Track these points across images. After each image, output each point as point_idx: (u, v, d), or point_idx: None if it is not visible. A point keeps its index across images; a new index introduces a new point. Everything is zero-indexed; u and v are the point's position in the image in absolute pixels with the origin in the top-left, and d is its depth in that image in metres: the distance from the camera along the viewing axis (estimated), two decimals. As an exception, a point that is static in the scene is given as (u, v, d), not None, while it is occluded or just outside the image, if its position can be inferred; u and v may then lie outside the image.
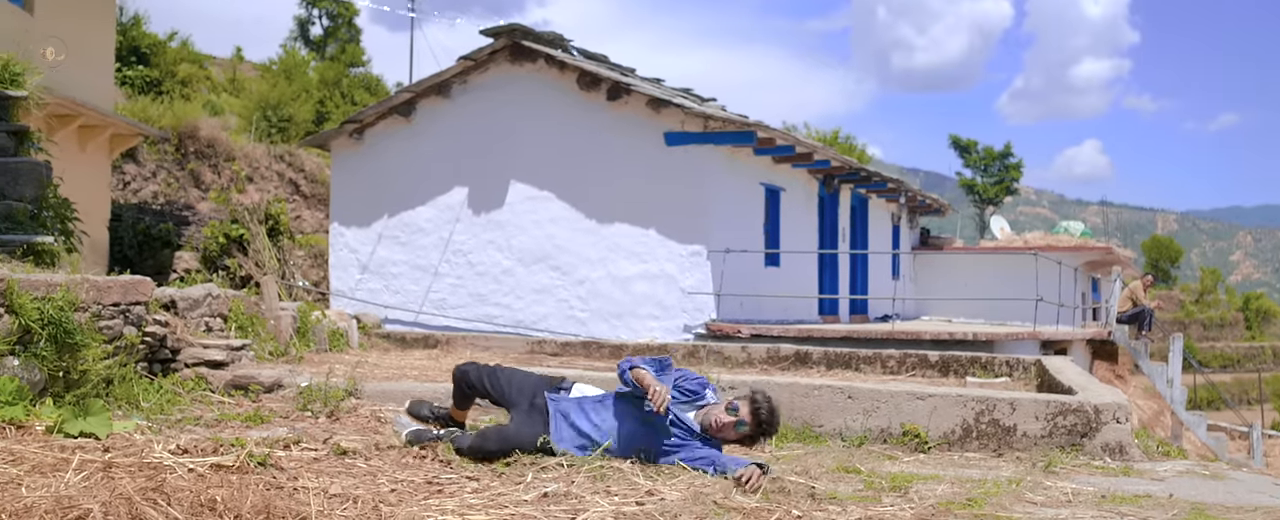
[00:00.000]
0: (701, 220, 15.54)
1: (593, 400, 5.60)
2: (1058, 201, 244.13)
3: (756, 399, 5.40)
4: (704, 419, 5.44)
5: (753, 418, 5.36)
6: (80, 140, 16.11)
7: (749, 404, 5.39)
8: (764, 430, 5.42)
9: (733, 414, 5.38)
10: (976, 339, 14.16)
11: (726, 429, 5.38)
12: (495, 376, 5.73)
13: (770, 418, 5.39)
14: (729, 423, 5.37)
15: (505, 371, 5.78)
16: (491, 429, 5.51)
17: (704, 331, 15.19)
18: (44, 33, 15.08)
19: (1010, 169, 59.86)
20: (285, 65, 35.81)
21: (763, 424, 5.38)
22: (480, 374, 5.75)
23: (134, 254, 18.25)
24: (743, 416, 5.36)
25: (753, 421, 5.36)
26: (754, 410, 5.36)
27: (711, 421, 5.39)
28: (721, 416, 5.39)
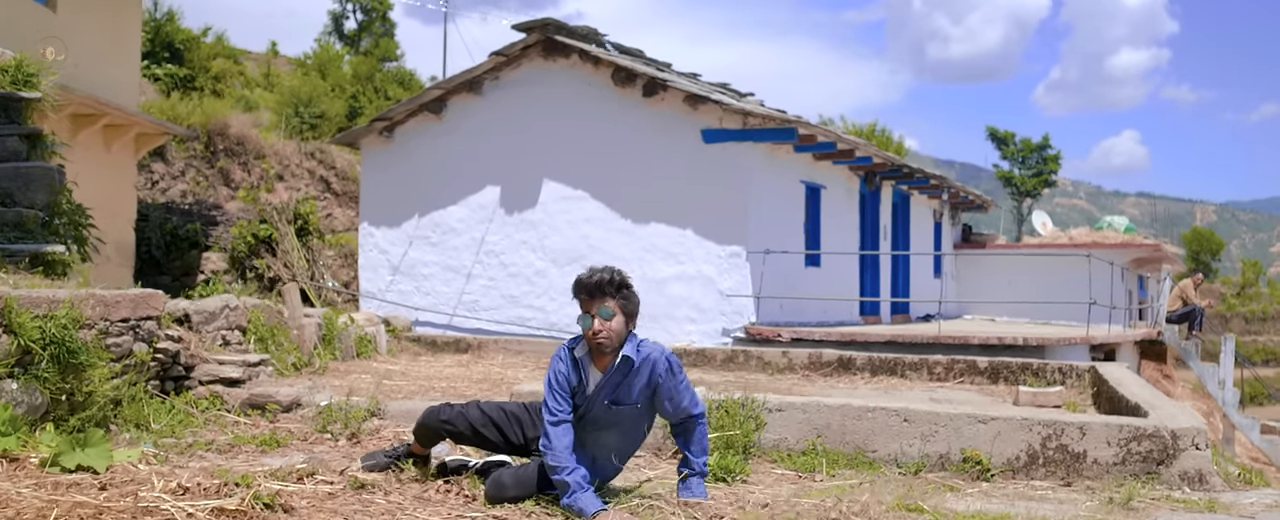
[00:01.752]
0: (740, 220, 15.05)
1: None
2: (1095, 193, 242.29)
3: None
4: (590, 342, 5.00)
5: (577, 295, 4.99)
6: (105, 140, 15.79)
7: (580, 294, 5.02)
8: (595, 290, 4.94)
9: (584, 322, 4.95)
10: (1027, 343, 13.62)
11: (591, 338, 4.92)
12: (488, 423, 5.38)
13: (581, 276, 4.99)
14: (589, 332, 4.91)
15: (494, 412, 5.40)
16: (508, 474, 5.07)
17: (743, 335, 14.72)
18: (66, 31, 14.75)
19: (1048, 161, 59.17)
20: (320, 60, 35.65)
21: (588, 288, 4.95)
22: (468, 421, 5.37)
23: (161, 255, 17.94)
24: (581, 309, 4.95)
25: (582, 296, 4.96)
26: (575, 290, 5.01)
27: (591, 342, 4.94)
28: (582, 328, 4.96)
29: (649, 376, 5.01)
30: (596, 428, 5.05)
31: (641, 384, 5.01)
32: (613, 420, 5.04)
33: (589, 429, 5.05)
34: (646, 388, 5.03)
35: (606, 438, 5.09)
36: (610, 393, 4.98)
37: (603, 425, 5.04)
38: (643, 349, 5.01)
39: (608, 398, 4.98)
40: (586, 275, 4.97)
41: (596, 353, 4.96)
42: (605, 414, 5.02)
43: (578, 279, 4.99)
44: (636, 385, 5.01)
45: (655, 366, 5.01)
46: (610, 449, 5.14)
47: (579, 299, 4.96)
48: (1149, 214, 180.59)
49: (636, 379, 4.99)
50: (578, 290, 4.97)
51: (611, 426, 5.06)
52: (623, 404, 5.02)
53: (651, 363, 5.01)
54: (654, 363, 5.02)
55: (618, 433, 5.11)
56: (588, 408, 5.00)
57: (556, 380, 4.98)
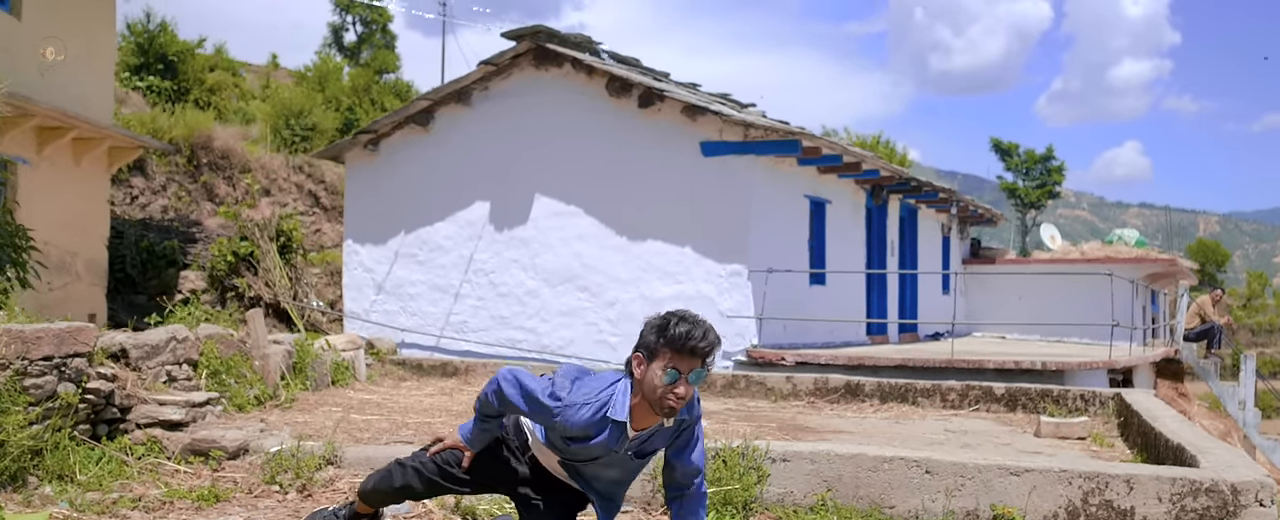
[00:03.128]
0: (741, 237, 14.30)
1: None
2: (1098, 204, 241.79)
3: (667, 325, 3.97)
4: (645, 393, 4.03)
5: (670, 348, 3.89)
6: (75, 154, 15.04)
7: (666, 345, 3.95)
8: (705, 353, 3.92)
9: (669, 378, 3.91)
10: (1046, 368, 12.85)
11: (670, 403, 3.93)
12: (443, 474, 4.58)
13: (692, 332, 3.90)
14: (670, 395, 3.92)
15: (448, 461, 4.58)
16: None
17: (745, 359, 13.96)
18: (33, 39, 14.02)
19: (1052, 172, 58.48)
20: (319, 72, 35.06)
21: (696, 349, 3.89)
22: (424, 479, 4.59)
23: (137, 273, 17.18)
24: (668, 364, 3.88)
25: (682, 354, 3.88)
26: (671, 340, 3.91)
27: (652, 396, 3.94)
28: (657, 384, 3.94)
29: (677, 431, 4.23)
30: (605, 467, 4.31)
31: (664, 440, 4.25)
32: (627, 466, 4.31)
33: (600, 473, 4.34)
34: (668, 442, 4.28)
35: (608, 474, 4.35)
36: (640, 445, 4.19)
37: (611, 465, 4.27)
38: (695, 407, 4.21)
39: (634, 451, 4.19)
40: (695, 331, 3.87)
41: (657, 415, 4.03)
42: (622, 462, 4.26)
43: (681, 333, 3.87)
44: (660, 442, 4.26)
45: (685, 418, 4.18)
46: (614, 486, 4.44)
47: (668, 353, 3.88)
48: (1152, 225, 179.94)
49: (665, 436, 4.23)
50: (678, 345, 3.86)
51: (624, 475, 4.39)
52: (647, 455, 4.27)
53: (696, 418, 4.25)
54: (697, 417, 4.25)
55: (626, 477, 4.42)
56: (608, 458, 4.21)
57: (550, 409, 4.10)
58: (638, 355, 3.96)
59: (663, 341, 3.87)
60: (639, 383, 3.94)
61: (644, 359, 3.92)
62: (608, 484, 4.36)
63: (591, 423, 4.00)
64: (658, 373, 3.86)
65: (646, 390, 3.91)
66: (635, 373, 3.96)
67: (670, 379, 3.85)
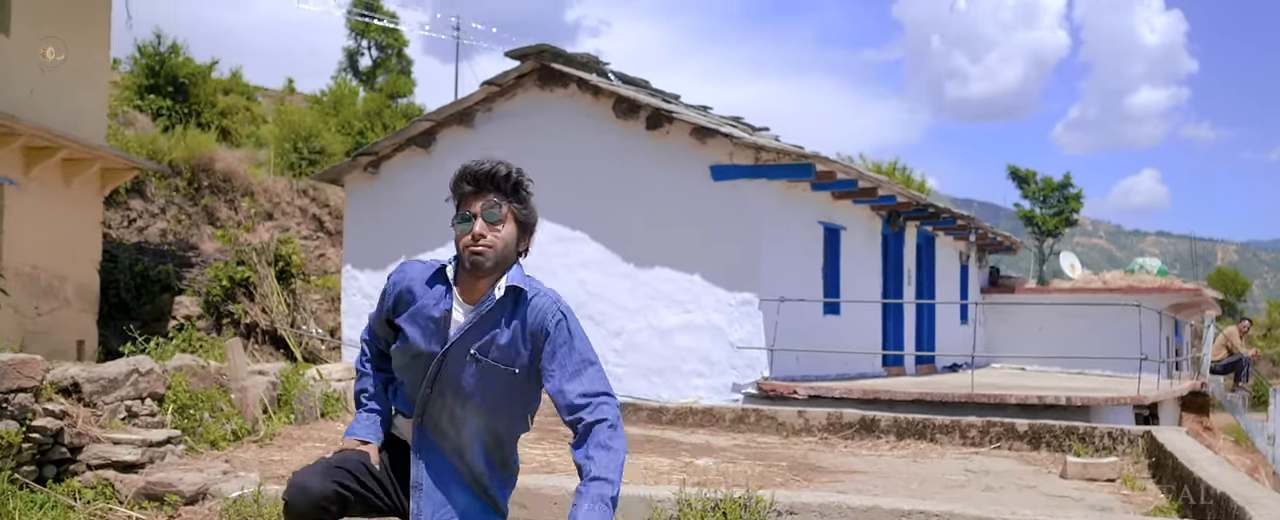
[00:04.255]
0: (753, 264, 13.76)
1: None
2: (1115, 232, 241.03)
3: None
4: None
5: (455, 193, 3.52)
6: (65, 175, 14.59)
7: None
8: (485, 181, 3.50)
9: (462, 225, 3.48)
10: (1071, 403, 12.27)
11: (467, 247, 3.45)
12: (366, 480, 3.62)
13: (467, 165, 3.53)
14: (466, 237, 3.46)
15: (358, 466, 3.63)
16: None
17: (755, 391, 13.40)
18: (22, 56, 13.60)
19: (1070, 200, 57.99)
20: (334, 97, 34.84)
21: (474, 177, 3.50)
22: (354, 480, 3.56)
23: (130, 298, 16.70)
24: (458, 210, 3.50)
25: (464, 189, 3.50)
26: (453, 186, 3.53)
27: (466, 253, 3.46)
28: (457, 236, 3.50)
29: (535, 328, 3.51)
30: (451, 396, 3.52)
31: (522, 338, 3.50)
32: (474, 386, 3.51)
33: (438, 399, 3.53)
34: (527, 344, 3.51)
35: (463, 416, 3.54)
36: (478, 338, 3.48)
37: (459, 393, 3.51)
38: (534, 285, 3.56)
39: (473, 345, 3.48)
40: (470, 163, 3.53)
41: (469, 273, 3.49)
42: (464, 374, 3.50)
43: (462, 167, 3.53)
44: (516, 339, 3.50)
45: (544, 316, 3.50)
46: (469, 435, 3.57)
47: (458, 194, 3.51)
48: (1170, 253, 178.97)
49: (518, 328, 3.50)
50: (459, 182, 3.50)
51: (471, 397, 3.52)
52: (491, 359, 3.49)
53: (541, 311, 3.51)
54: (543, 311, 3.51)
55: (482, 409, 3.55)
56: (440, 361, 3.49)
57: (388, 297, 3.63)
58: (452, 226, 3.55)
59: (453, 189, 3.53)
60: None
61: (454, 217, 3.52)
62: (469, 435, 3.56)
63: (426, 279, 3.56)
64: (454, 226, 3.49)
65: (460, 252, 3.48)
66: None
67: (464, 224, 3.45)
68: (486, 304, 3.48)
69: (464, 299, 3.52)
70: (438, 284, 3.55)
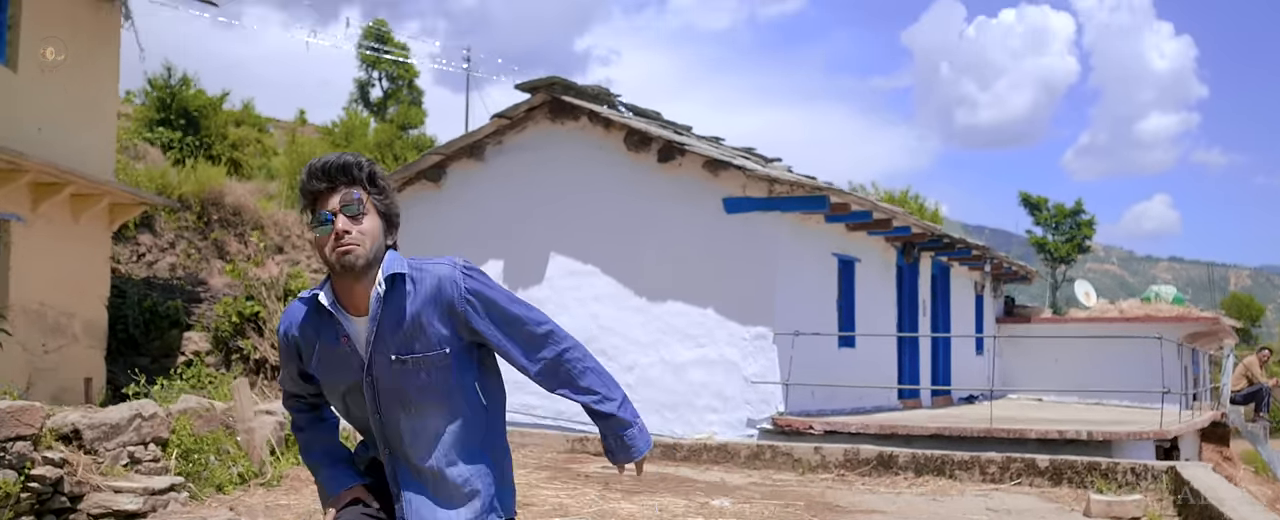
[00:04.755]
0: (767, 298, 13.59)
1: None
2: (1127, 258, 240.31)
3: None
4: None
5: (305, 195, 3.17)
6: (73, 211, 14.49)
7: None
8: (336, 175, 3.13)
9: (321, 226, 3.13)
10: (1093, 438, 12.05)
11: (334, 249, 3.11)
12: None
13: (309, 165, 3.16)
14: (328, 238, 3.12)
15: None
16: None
17: (770, 427, 13.20)
18: (30, 92, 13.52)
19: (1082, 226, 57.74)
20: (345, 128, 34.83)
21: (323, 172, 3.13)
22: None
23: (139, 334, 16.58)
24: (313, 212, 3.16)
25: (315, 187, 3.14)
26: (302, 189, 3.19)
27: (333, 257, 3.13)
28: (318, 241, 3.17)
29: (442, 304, 3.21)
30: (401, 410, 3.23)
31: (434, 318, 3.19)
32: (417, 386, 3.20)
33: (391, 420, 3.23)
34: (444, 322, 3.21)
35: (423, 425, 3.23)
36: (391, 340, 3.17)
37: (407, 403, 3.22)
38: (417, 262, 3.25)
39: (391, 351, 3.17)
40: (317, 159, 3.18)
41: (344, 280, 3.15)
42: (401, 381, 3.19)
43: (308, 165, 3.17)
44: (426, 321, 3.19)
45: (443, 287, 3.20)
46: (438, 443, 3.25)
47: (309, 196, 3.15)
48: (1182, 279, 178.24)
49: (425, 311, 3.19)
50: (310, 180, 3.14)
51: (421, 400, 3.22)
52: (416, 353, 3.18)
53: (438, 286, 3.20)
54: (441, 281, 3.20)
55: (437, 406, 3.24)
56: (371, 383, 3.19)
57: (287, 354, 3.33)
58: (309, 235, 3.21)
59: (302, 192, 3.18)
60: (323, 260, 3.16)
61: (309, 227, 3.18)
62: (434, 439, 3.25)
63: (307, 318, 3.24)
64: (313, 232, 3.14)
65: (325, 260, 3.15)
66: (318, 256, 3.32)
67: (324, 226, 3.09)
68: (377, 305, 3.16)
69: (352, 313, 3.19)
70: (318, 315, 3.23)
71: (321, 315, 3.21)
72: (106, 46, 15.44)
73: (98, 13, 15.05)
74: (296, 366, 3.32)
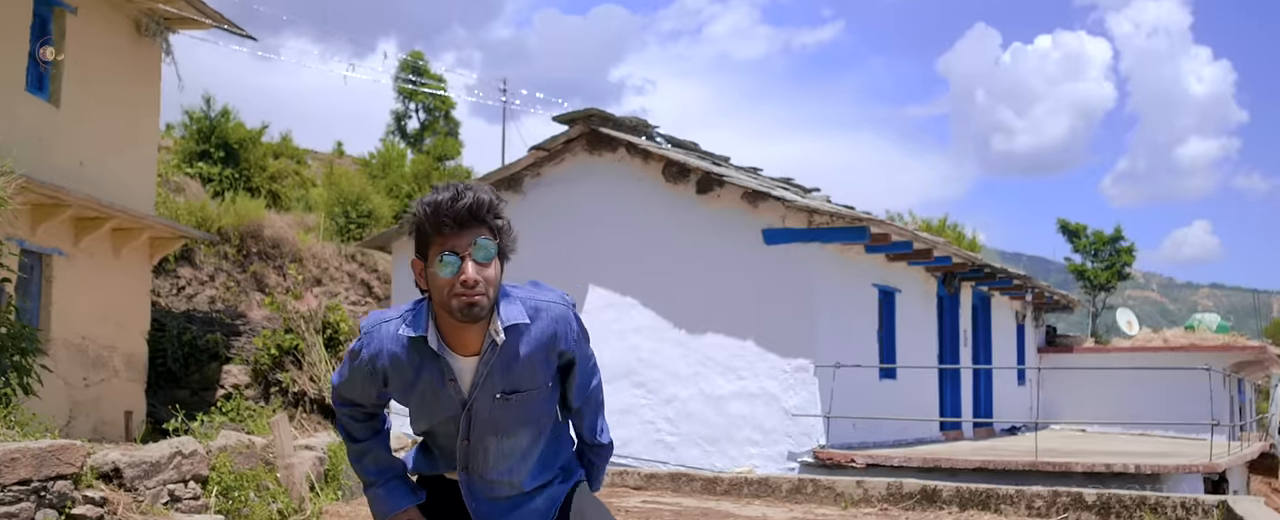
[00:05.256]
0: (807, 329, 13.48)
1: None
2: (1167, 285, 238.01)
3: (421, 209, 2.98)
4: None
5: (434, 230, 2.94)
6: (114, 245, 14.56)
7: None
8: (468, 217, 2.94)
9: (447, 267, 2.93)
10: (1140, 471, 11.86)
11: (463, 296, 2.93)
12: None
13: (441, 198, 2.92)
14: (458, 282, 2.92)
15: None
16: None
17: (811, 460, 13.08)
18: (71, 127, 13.62)
19: (1121, 253, 57.23)
20: (382, 159, 34.98)
21: (456, 215, 2.92)
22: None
23: (178, 368, 16.63)
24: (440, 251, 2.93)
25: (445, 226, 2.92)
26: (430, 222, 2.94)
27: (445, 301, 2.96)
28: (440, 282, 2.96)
29: (554, 347, 3.15)
30: (491, 438, 3.20)
31: (542, 360, 3.15)
32: (513, 419, 3.19)
33: (479, 447, 3.19)
34: (549, 363, 3.17)
35: (511, 446, 3.23)
36: (499, 383, 3.11)
37: (499, 431, 3.19)
38: (529, 299, 3.11)
39: (496, 391, 3.11)
40: (444, 195, 2.94)
41: (460, 322, 3.00)
42: (497, 416, 3.15)
43: (432, 205, 2.94)
44: (536, 363, 3.14)
45: (558, 331, 3.13)
46: (520, 456, 3.26)
47: (437, 233, 2.96)
48: (1224, 305, 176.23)
49: (537, 355, 3.12)
50: (437, 217, 2.94)
51: (513, 428, 3.21)
52: (522, 390, 3.14)
53: (553, 326, 3.13)
54: (556, 325, 3.13)
55: (526, 429, 3.24)
56: (468, 418, 3.13)
57: (366, 376, 3.13)
58: (416, 262, 3.05)
59: (424, 230, 2.98)
60: (432, 296, 3.02)
61: (421, 263, 3.02)
62: (521, 455, 3.24)
63: (407, 354, 3.06)
64: (433, 270, 2.97)
65: (439, 299, 2.98)
66: (421, 284, 3.05)
67: (450, 267, 2.92)
68: (492, 353, 3.06)
69: (459, 351, 3.07)
70: (419, 353, 3.07)
71: (424, 354, 3.06)
72: (147, 81, 15.54)
73: (139, 48, 15.15)
74: (375, 388, 3.17)
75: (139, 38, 15.10)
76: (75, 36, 13.66)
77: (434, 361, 3.04)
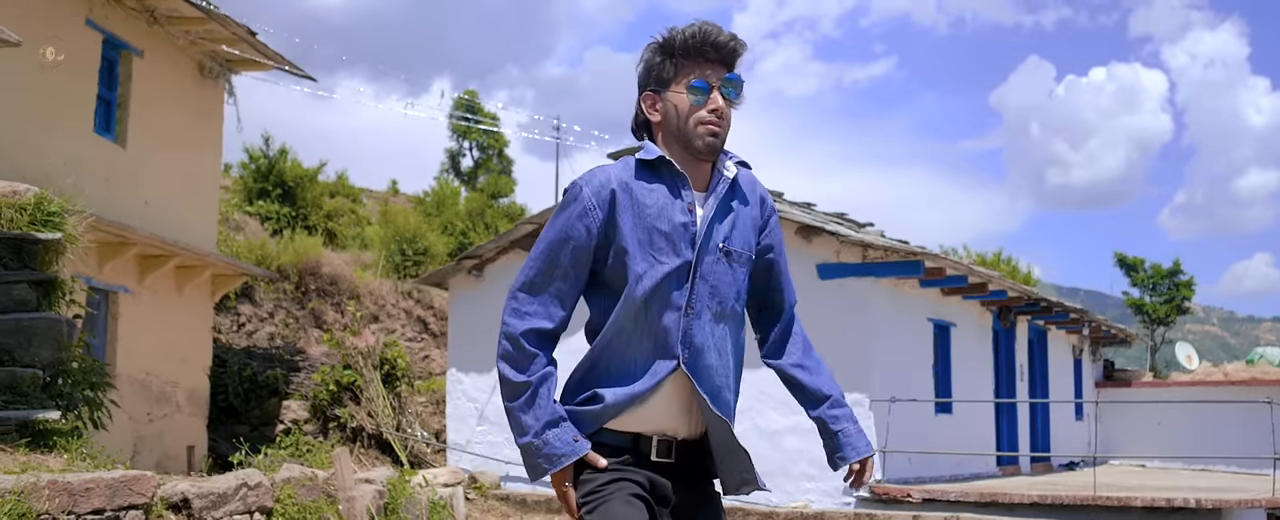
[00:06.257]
0: (863, 364, 13.48)
1: None
2: (1228, 319, 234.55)
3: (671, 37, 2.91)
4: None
5: (685, 57, 2.89)
6: (177, 282, 14.84)
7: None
8: (729, 53, 2.90)
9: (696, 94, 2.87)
10: (1201, 506, 11.75)
11: (708, 127, 2.88)
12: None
13: (704, 29, 2.87)
14: (706, 113, 2.88)
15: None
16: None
17: (868, 495, 13.04)
18: (137, 167, 13.92)
19: (1181, 287, 56.50)
20: (437, 197, 35.31)
21: (718, 45, 2.88)
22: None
23: (239, 403, 16.87)
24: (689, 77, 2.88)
25: (706, 52, 2.88)
26: (683, 48, 2.89)
27: (685, 129, 2.89)
28: (684, 109, 2.89)
29: (757, 204, 3.06)
30: (709, 314, 2.92)
31: (752, 217, 3.03)
32: (729, 290, 2.96)
33: (697, 324, 2.90)
34: (757, 224, 3.05)
35: (723, 337, 2.99)
36: (721, 226, 2.93)
37: (718, 304, 2.94)
38: (735, 158, 3.05)
39: (721, 238, 2.92)
40: (707, 27, 2.87)
41: (696, 155, 2.91)
42: (720, 277, 2.92)
43: (691, 34, 2.87)
44: (749, 218, 3.01)
45: (758, 189, 3.08)
46: (732, 362, 3.07)
47: (692, 59, 2.89)
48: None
49: (749, 208, 3.02)
50: (693, 49, 2.87)
51: (729, 307, 2.97)
52: (737, 249, 2.95)
53: (753, 183, 3.07)
54: (754, 183, 3.08)
55: (735, 318, 3.03)
56: (695, 269, 2.89)
57: (585, 228, 2.87)
58: (648, 95, 2.94)
59: (673, 55, 2.90)
60: (660, 127, 2.93)
61: (655, 94, 2.93)
62: (729, 362, 3.04)
63: (639, 175, 2.90)
64: (679, 97, 2.88)
65: (673, 129, 2.89)
66: (653, 116, 2.94)
67: (701, 94, 2.87)
68: (722, 184, 2.94)
69: (697, 185, 2.95)
70: (660, 177, 2.90)
71: (661, 177, 2.92)
72: (210, 122, 15.86)
73: (202, 89, 15.47)
74: (587, 256, 2.89)
75: (202, 79, 15.42)
76: (141, 79, 13.99)
77: (673, 182, 2.91)
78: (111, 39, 13.37)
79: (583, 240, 2.86)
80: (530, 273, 2.93)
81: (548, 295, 2.91)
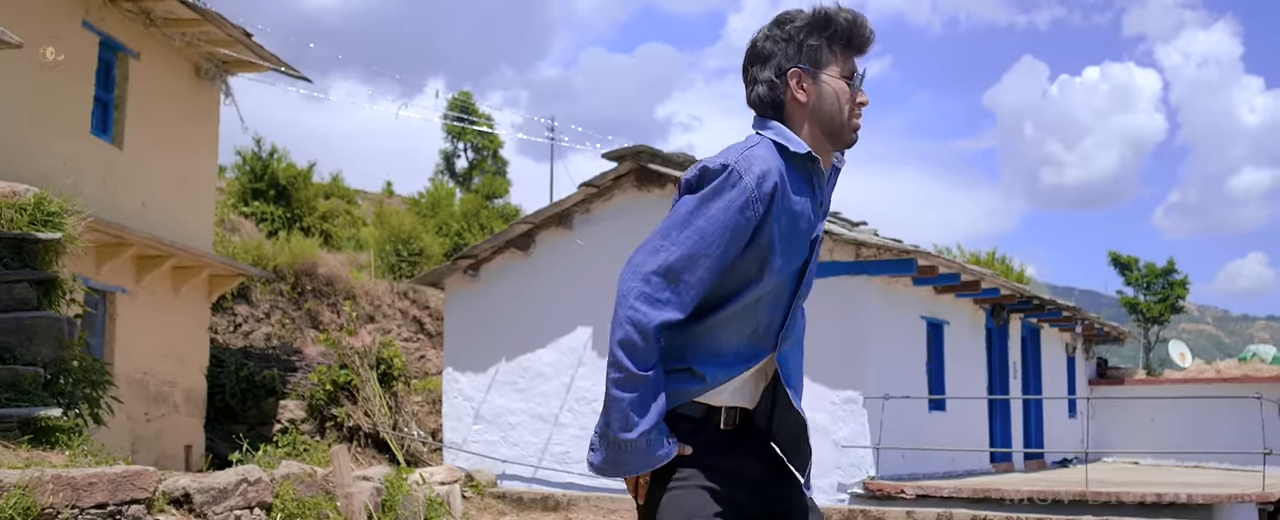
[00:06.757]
0: (856, 361, 13.57)
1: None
2: (1222, 318, 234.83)
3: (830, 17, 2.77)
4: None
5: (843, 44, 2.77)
6: (174, 283, 14.91)
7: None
8: (867, 43, 2.80)
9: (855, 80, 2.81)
10: (1192, 501, 11.86)
11: (855, 119, 2.81)
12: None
13: (860, 19, 2.78)
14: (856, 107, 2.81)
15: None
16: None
17: (862, 491, 13.14)
18: (134, 170, 14.00)
19: (1175, 286, 56.64)
20: (431, 198, 35.35)
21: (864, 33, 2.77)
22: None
23: (236, 403, 16.94)
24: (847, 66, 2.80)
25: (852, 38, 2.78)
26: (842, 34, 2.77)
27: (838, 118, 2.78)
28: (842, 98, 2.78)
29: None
30: (803, 301, 2.88)
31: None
32: (810, 282, 2.88)
33: (794, 316, 2.85)
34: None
35: (801, 328, 2.95)
36: (820, 217, 2.87)
37: (805, 297, 2.87)
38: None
39: (818, 230, 2.84)
40: (861, 18, 2.77)
41: (838, 146, 2.85)
42: (813, 270, 2.86)
43: (848, 20, 2.76)
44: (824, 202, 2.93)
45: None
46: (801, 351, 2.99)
47: (849, 48, 2.80)
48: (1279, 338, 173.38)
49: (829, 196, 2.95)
50: (861, 35, 2.78)
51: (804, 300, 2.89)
52: (819, 237, 2.85)
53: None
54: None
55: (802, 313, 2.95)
56: (806, 265, 2.83)
57: (744, 220, 2.66)
58: (796, 72, 2.76)
59: (831, 37, 2.75)
60: (805, 110, 2.78)
61: (805, 73, 2.76)
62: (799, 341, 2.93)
63: (790, 168, 2.74)
64: (838, 84, 2.76)
65: (825, 116, 2.77)
66: (800, 96, 2.76)
67: (858, 86, 2.79)
68: (832, 181, 2.88)
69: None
70: (800, 169, 2.77)
71: (802, 172, 2.79)
72: (206, 123, 15.93)
73: (199, 91, 15.55)
74: (743, 237, 2.70)
75: (199, 81, 15.49)
76: (137, 80, 14.06)
77: (811, 178, 2.79)
78: (108, 41, 13.45)
79: (741, 231, 2.68)
80: (671, 256, 2.67)
81: (685, 285, 2.67)
